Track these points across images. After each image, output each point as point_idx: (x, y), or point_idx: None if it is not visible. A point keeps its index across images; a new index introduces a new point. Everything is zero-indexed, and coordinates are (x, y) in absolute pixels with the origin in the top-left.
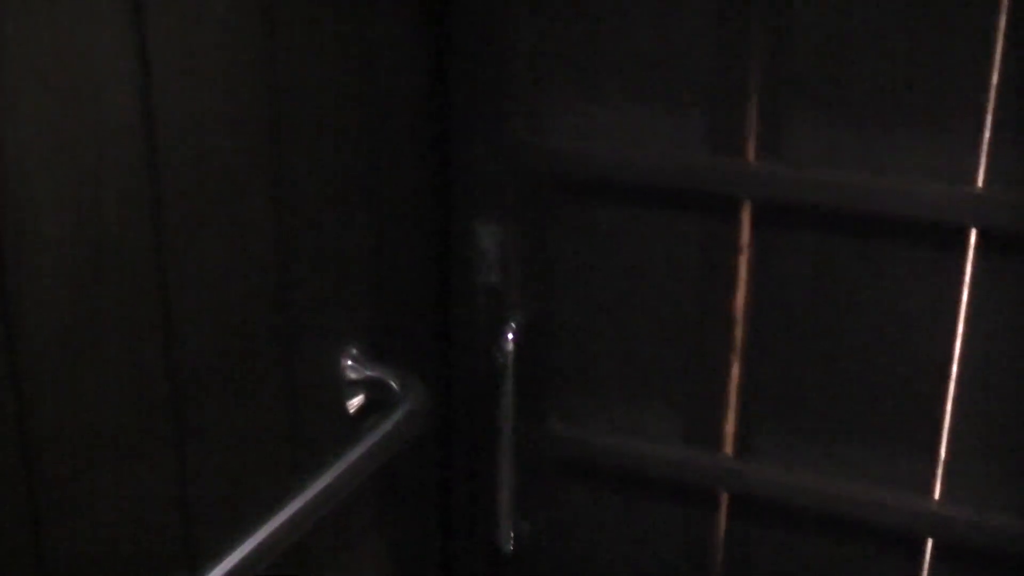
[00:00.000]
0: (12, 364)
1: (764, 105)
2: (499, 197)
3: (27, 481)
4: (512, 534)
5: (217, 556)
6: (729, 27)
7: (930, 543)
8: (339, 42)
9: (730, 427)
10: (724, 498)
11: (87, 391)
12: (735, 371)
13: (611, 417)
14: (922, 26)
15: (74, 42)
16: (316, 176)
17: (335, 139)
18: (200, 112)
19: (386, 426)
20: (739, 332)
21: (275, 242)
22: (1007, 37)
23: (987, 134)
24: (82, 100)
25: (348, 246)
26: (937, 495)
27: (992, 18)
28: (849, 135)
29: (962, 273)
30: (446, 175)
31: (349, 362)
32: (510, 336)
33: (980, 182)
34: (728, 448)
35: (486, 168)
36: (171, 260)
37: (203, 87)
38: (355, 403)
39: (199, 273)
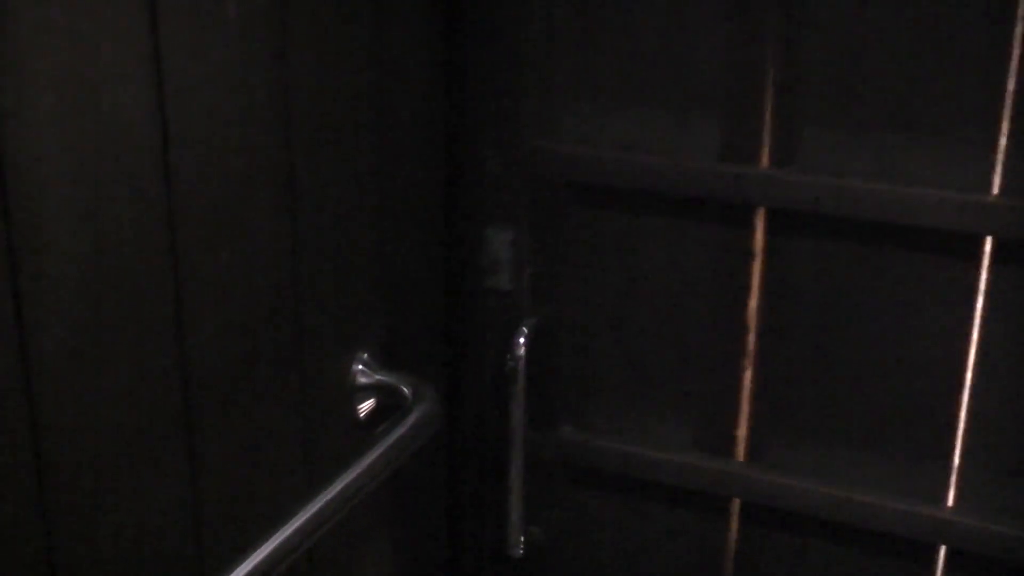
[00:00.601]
0: (24, 371)
1: (778, 112)
2: (510, 202)
3: (38, 490)
4: (522, 540)
5: (229, 564)
6: (743, 34)
7: (943, 551)
8: (350, 47)
9: (742, 433)
10: (735, 505)
11: (98, 398)
12: (747, 377)
13: (622, 423)
14: (937, 33)
15: (88, 48)
16: (327, 181)
17: (345, 144)
18: (213, 122)
19: (398, 432)
20: (752, 338)
21: (286, 248)
22: None
23: (1003, 141)
24: (95, 107)
25: (359, 251)
26: (950, 502)
27: (1008, 25)
28: (864, 142)
29: (977, 281)
30: (457, 179)
31: (360, 367)
32: (521, 341)
33: (996, 190)
34: (740, 455)
35: (497, 173)
36: (183, 266)
37: (216, 96)
38: (365, 408)
39: (211, 279)
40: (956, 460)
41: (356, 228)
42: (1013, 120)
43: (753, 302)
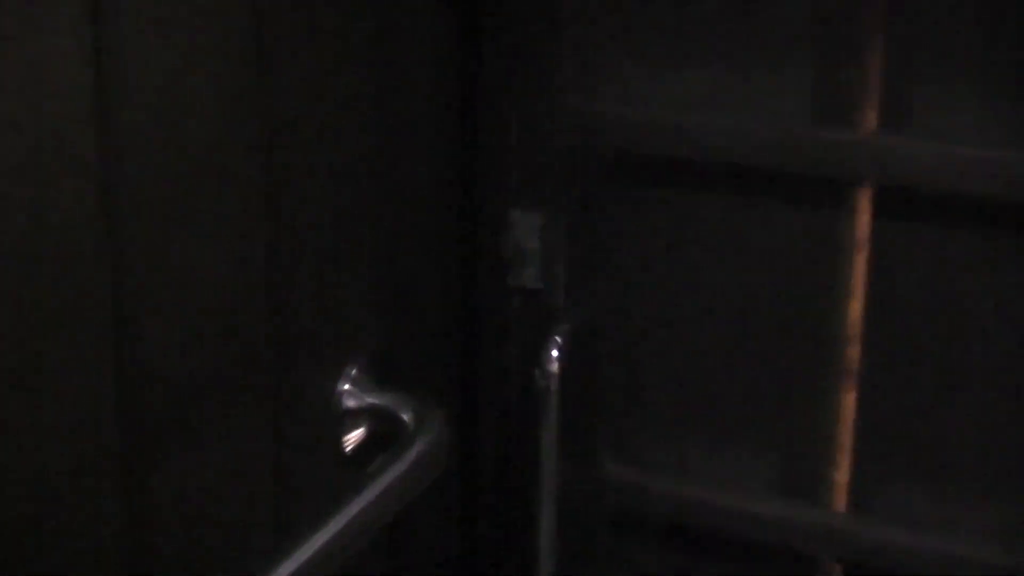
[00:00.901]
0: None
1: (888, 61)
2: (540, 178)
3: None
4: None
5: None
6: None
7: None
8: None
9: (842, 476)
10: (834, 569)
11: (15, 424)
12: (849, 403)
13: (682, 458)
14: None
15: (23, 26)
16: (313, 157)
17: (338, 108)
18: (173, 90)
19: (395, 471)
20: (854, 353)
21: (261, 240)
22: None
23: None
24: (24, 83)
25: (351, 240)
26: None
27: None
28: (1000, 103)
29: None
30: (475, 151)
31: (347, 387)
32: (553, 353)
33: None
34: (839, 503)
35: (524, 143)
36: (125, 264)
37: (177, 60)
38: (353, 439)
39: (159, 282)
40: None
41: (348, 212)
42: None
43: (856, 306)
